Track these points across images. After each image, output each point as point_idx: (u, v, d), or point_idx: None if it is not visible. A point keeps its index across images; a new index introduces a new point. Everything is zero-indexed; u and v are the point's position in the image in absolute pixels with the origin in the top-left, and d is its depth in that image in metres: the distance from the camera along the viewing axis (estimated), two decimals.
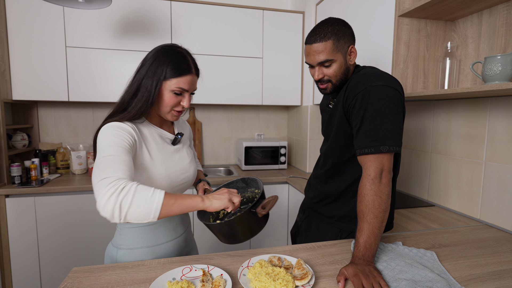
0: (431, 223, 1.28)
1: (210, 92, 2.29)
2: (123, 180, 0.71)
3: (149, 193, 0.71)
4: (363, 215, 0.84)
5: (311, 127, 2.33)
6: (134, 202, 0.69)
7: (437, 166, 1.55)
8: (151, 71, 0.87)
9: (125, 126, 0.85)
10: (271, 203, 0.89)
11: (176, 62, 0.87)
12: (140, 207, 0.69)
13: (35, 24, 1.94)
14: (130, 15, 2.08)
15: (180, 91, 0.89)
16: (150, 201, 0.70)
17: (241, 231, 0.90)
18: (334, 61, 0.97)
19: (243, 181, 1.09)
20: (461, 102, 1.41)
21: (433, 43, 1.40)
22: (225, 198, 0.81)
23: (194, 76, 0.92)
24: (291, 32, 2.40)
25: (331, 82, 1.00)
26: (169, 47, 0.91)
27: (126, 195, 0.69)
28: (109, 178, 0.70)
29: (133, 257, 0.95)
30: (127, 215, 0.69)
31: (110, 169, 0.72)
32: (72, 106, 2.35)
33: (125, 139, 0.81)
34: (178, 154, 1.00)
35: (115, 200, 0.68)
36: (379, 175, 0.86)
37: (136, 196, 0.69)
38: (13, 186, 1.87)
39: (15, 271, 1.86)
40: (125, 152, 0.78)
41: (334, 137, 1.03)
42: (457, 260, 0.93)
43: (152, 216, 0.71)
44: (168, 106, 0.90)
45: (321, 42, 0.96)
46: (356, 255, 0.82)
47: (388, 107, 0.87)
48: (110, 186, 0.69)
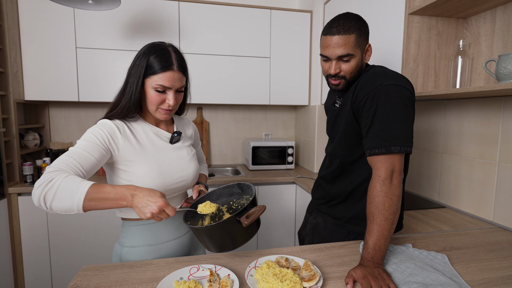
0: (441, 225, 1.26)
1: (218, 92, 2.30)
2: (58, 172, 0.73)
3: (71, 188, 0.71)
4: (373, 217, 0.83)
5: (319, 127, 2.32)
6: (57, 195, 0.70)
7: (448, 167, 1.52)
8: (135, 69, 0.89)
9: (109, 124, 0.87)
10: (255, 213, 0.82)
11: (156, 58, 0.86)
12: (62, 201, 0.71)
13: (46, 26, 1.98)
14: (139, 16, 2.10)
15: (162, 89, 0.87)
16: (72, 197, 0.71)
17: (223, 238, 0.84)
18: (354, 56, 0.94)
19: (239, 186, 1.04)
20: (473, 101, 1.38)
21: (444, 41, 1.38)
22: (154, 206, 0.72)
23: (176, 73, 0.88)
24: (299, 31, 2.38)
25: (345, 78, 0.97)
26: (152, 45, 0.90)
27: (51, 188, 0.70)
28: (50, 167, 0.74)
29: (136, 255, 0.95)
30: (52, 207, 0.71)
31: (61, 159, 0.76)
32: (82, 106, 2.39)
33: (100, 136, 0.84)
34: (176, 152, 0.99)
35: (40, 192, 0.70)
36: (389, 176, 0.84)
37: (59, 190, 0.70)
38: (25, 184, 1.91)
39: (27, 267, 1.90)
40: (92, 147, 0.81)
41: (342, 137, 1.02)
42: (469, 264, 0.91)
43: (75, 210, 0.72)
44: (153, 104, 0.90)
45: (344, 35, 0.92)
46: (365, 257, 0.81)
47: (399, 106, 0.86)
48: (43, 176, 0.72)
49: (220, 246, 0.85)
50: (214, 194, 1.04)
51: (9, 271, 1.85)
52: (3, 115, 1.84)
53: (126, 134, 0.90)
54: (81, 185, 0.72)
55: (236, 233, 0.84)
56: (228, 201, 1.05)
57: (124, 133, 0.89)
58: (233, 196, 1.05)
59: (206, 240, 0.85)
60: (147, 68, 0.87)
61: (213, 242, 0.85)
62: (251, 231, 0.87)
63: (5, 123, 1.88)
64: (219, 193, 1.04)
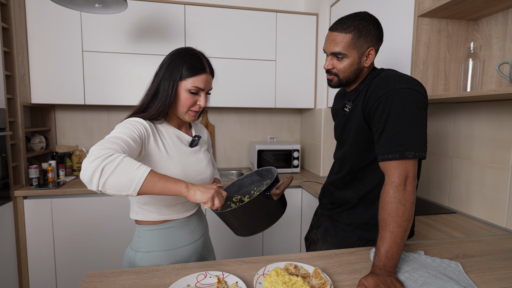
0: (453, 231, 1.23)
1: (223, 95, 2.29)
2: (114, 150, 0.71)
3: (135, 165, 0.70)
4: (385, 224, 0.80)
5: (325, 130, 2.29)
6: (118, 169, 0.67)
7: (458, 172, 1.49)
8: (168, 72, 0.91)
9: (141, 120, 0.88)
10: (285, 183, 0.86)
11: (190, 62, 0.91)
12: (122, 175, 0.67)
13: (54, 29, 1.99)
14: (145, 19, 2.10)
15: (196, 90, 0.92)
16: (135, 172, 0.69)
17: (255, 217, 0.87)
18: (347, 56, 0.94)
19: (258, 173, 1.06)
20: (484, 104, 1.35)
21: (454, 44, 1.35)
22: (209, 193, 0.77)
23: (209, 75, 0.95)
24: (304, 34, 2.37)
25: (338, 76, 0.98)
26: (184, 50, 0.95)
27: (112, 162, 0.67)
28: (102, 145, 0.71)
29: (151, 260, 0.94)
30: (107, 181, 0.67)
31: (107, 142, 0.73)
32: (88, 110, 2.40)
33: (136, 128, 0.84)
34: (195, 156, 1.01)
35: (98, 164, 0.66)
36: (403, 182, 0.82)
37: (121, 165, 0.68)
38: (31, 187, 1.91)
39: (32, 271, 1.90)
40: (131, 136, 0.80)
41: (352, 142, 0.99)
42: (484, 272, 0.88)
43: (132, 189, 0.69)
44: (185, 106, 0.93)
45: (340, 33, 0.93)
46: (377, 265, 0.79)
47: (412, 110, 0.84)
48: (98, 151, 0.69)
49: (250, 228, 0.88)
50: (234, 185, 1.06)
51: (14, 275, 1.85)
52: (10, 118, 1.85)
53: (155, 135, 0.91)
54: (141, 166, 0.71)
55: (267, 211, 0.87)
56: (249, 190, 1.07)
57: (154, 133, 0.91)
58: (253, 184, 1.07)
59: (236, 223, 0.87)
60: (183, 71, 0.90)
61: (243, 224, 0.87)
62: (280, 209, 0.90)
63: (12, 126, 1.89)
64: (239, 184, 1.07)
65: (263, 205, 0.86)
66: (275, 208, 0.89)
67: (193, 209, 1.03)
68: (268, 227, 0.90)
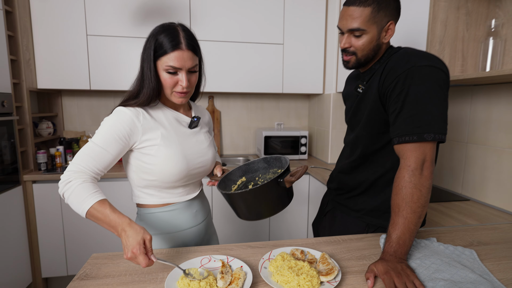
0: (467, 219, 1.18)
1: (229, 80, 2.24)
2: (78, 174, 0.79)
3: (81, 197, 0.76)
4: (399, 209, 0.77)
5: (334, 116, 2.24)
6: (70, 198, 0.77)
7: (473, 158, 1.43)
8: (146, 54, 0.86)
9: (126, 113, 0.85)
10: (300, 171, 0.83)
11: (164, 38, 0.82)
12: (73, 204, 0.78)
13: (57, 13, 1.95)
14: (149, 2, 2.05)
15: (173, 70, 0.84)
16: (79, 205, 0.76)
17: (264, 202, 0.85)
18: (366, 32, 0.87)
19: (265, 161, 1.02)
20: (504, 86, 1.27)
21: (474, 22, 1.27)
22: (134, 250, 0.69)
23: (186, 52, 0.83)
24: (313, 16, 2.28)
25: (356, 55, 0.91)
26: (160, 26, 0.86)
27: (68, 190, 0.78)
28: (72, 165, 0.81)
29: (152, 243, 0.93)
30: (68, 203, 0.79)
31: (81, 157, 0.81)
32: (94, 95, 2.38)
33: (119, 129, 0.83)
34: (195, 137, 0.97)
35: (61, 188, 0.79)
36: (420, 166, 0.77)
37: (72, 194, 0.77)
38: (39, 172, 1.92)
39: (42, 252, 1.94)
40: (110, 143, 0.82)
41: (365, 124, 0.94)
42: (500, 260, 0.84)
43: (81, 215, 0.79)
44: (168, 87, 0.87)
45: (358, 7, 0.86)
46: (387, 251, 0.75)
47: (434, 89, 0.78)
48: (66, 173, 0.80)
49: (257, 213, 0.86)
50: (240, 170, 1.03)
51: (26, 256, 1.89)
52: (16, 103, 1.85)
53: (146, 120, 0.87)
54: (89, 198, 0.76)
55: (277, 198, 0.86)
56: (253, 176, 1.03)
57: (144, 120, 0.87)
58: (259, 171, 1.03)
59: (243, 206, 0.85)
60: (155, 50, 0.83)
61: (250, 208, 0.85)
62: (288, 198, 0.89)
63: (19, 111, 1.89)
64: (245, 169, 1.04)
65: (274, 191, 0.84)
66: (284, 197, 0.87)
67: (195, 192, 1.01)
68: (273, 214, 0.88)
